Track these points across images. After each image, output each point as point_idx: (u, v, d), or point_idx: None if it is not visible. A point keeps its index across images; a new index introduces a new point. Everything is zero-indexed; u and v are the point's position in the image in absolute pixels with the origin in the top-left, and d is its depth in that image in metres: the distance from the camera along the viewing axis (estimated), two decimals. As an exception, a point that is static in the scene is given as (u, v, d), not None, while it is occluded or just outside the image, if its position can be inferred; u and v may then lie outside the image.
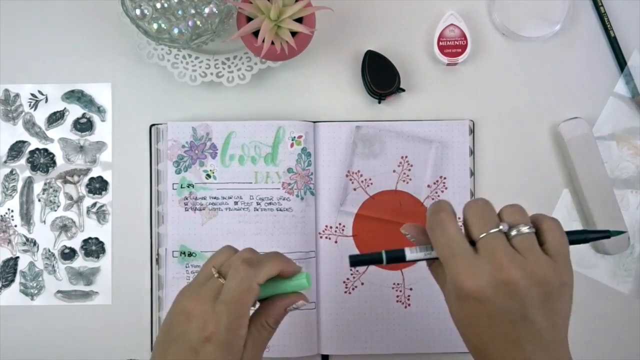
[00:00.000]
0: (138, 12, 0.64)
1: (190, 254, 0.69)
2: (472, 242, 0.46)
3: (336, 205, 0.70)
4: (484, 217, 0.46)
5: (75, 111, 0.72)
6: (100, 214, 0.72)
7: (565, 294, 0.46)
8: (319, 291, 0.69)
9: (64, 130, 0.72)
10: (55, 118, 0.72)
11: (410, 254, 0.49)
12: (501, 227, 0.46)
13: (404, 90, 0.70)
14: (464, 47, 0.70)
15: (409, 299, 0.69)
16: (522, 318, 0.45)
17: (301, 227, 0.69)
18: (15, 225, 0.72)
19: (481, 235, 0.46)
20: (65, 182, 0.72)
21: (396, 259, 0.50)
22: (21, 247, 0.72)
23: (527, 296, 0.44)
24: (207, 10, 0.64)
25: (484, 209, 0.47)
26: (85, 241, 0.72)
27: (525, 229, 0.46)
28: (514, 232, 0.46)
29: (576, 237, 0.49)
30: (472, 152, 0.71)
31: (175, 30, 0.64)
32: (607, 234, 0.50)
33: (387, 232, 0.70)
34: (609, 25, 0.71)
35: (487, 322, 0.45)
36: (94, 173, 0.72)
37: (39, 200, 0.72)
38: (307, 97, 0.72)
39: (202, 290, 0.50)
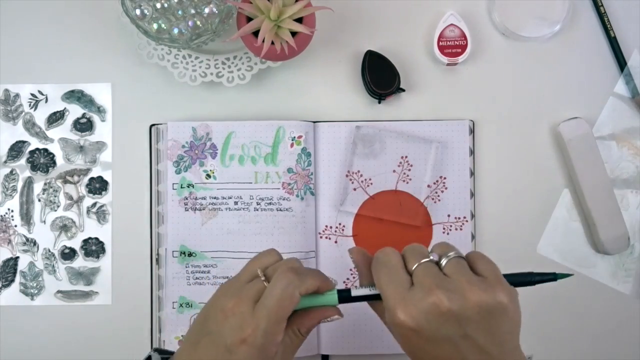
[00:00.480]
0: (138, 12, 0.64)
1: (190, 254, 0.69)
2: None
3: (336, 205, 0.70)
4: (417, 251, 0.49)
5: (75, 111, 0.73)
6: (100, 214, 0.72)
7: (505, 311, 0.46)
8: (319, 291, 0.69)
9: (64, 130, 0.72)
10: (55, 118, 0.72)
11: (355, 290, 0.52)
12: (431, 257, 0.48)
13: (404, 90, 0.70)
14: (464, 47, 0.70)
15: (409, 299, 0.69)
16: (462, 338, 0.46)
17: (301, 227, 0.69)
18: (15, 225, 0.72)
19: (414, 267, 0.48)
20: (65, 182, 0.72)
21: (344, 298, 0.52)
22: (21, 247, 0.72)
23: (462, 317, 0.45)
24: (207, 10, 0.64)
25: (417, 246, 0.50)
26: (85, 241, 0.72)
27: (453, 255, 0.48)
28: (444, 261, 0.48)
29: (522, 279, 0.51)
30: (472, 152, 0.71)
31: (175, 30, 0.64)
32: (553, 277, 0.51)
33: (387, 232, 0.70)
34: (609, 25, 0.71)
35: (430, 347, 0.46)
36: (94, 173, 0.72)
37: (39, 200, 0.72)
38: (307, 97, 0.72)
39: (243, 290, 0.50)
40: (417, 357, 0.48)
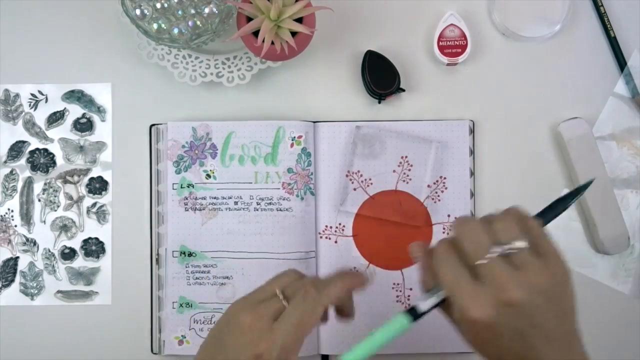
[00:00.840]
0: (138, 12, 0.64)
1: (190, 254, 0.69)
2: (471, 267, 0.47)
3: (336, 205, 0.70)
4: (479, 241, 0.47)
5: (75, 111, 0.72)
6: (100, 214, 0.72)
7: (565, 288, 0.47)
8: (319, 291, 0.69)
9: (64, 130, 0.72)
10: (55, 118, 0.72)
11: (422, 305, 0.51)
12: (498, 250, 0.47)
13: (404, 90, 0.70)
14: (464, 47, 0.70)
15: (409, 299, 0.69)
16: (531, 327, 0.46)
17: (301, 227, 0.69)
18: (15, 225, 0.72)
19: (478, 262, 0.46)
20: (65, 182, 0.72)
21: (415, 317, 0.51)
22: (21, 247, 0.72)
23: (532, 308, 0.46)
24: (207, 10, 0.64)
25: (477, 232, 0.47)
26: (85, 241, 0.72)
27: (519, 244, 0.47)
28: (509, 251, 0.47)
29: (559, 209, 0.52)
30: (472, 152, 0.71)
31: (175, 30, 0.64)
32: (579, 190, 0.52)
33: (387, 232, 0.70)
34: (609, 25, 0.71)
35: (499, 341, 0.47)
36: (94, 173, 0.72)
37: (39, 200, 0.72)
38: (307, 97, 0.72)
39: (262, 308, 0.50)
40: (487, 351, 0.49)
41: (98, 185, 0.72)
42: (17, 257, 0.72)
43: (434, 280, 0.50)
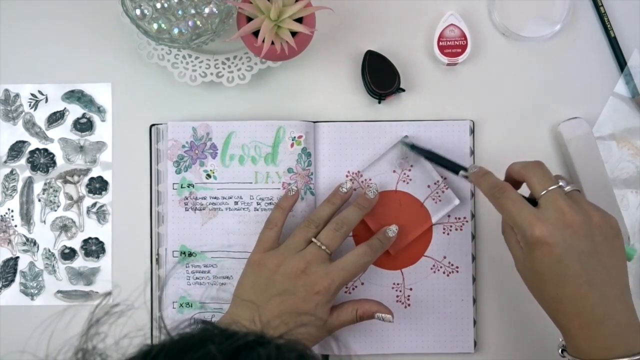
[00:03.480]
0: (138, 12, 0.64)
1: (190, 254, 0.69)
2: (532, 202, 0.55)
3: (336, 205, 0.70)
4: (544, 176, 0.56)
5: (75, 111, 0.72)
6: (100, 214, 0.72)
7: (618, 234, 0.54)
8: (319, 291, 0.69)
9: (64, 130, 0.72)
10: (55, 118, 0.72)
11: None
12: (561, 183, 0.55)
13: (404, 90, 0.70)
14: (464, 47, 0.70)
15: (409, 299, 0.69)
16: (590, 256, 0.52)
17: (301, 227, 0.69)
18: (15, 225, 0.72)
19: (542, 192, 0.54)
20: (66, 182, 0.72)
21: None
22: (21, 247, 0.72)
23: (590, 235, 0.52)
24: (207, 10, 0.64)
25: (543, 170, 0.56)
26: (85, 241, 0.72)
27: (573, 187, 0.56)
28: (567, 188, 0.55)
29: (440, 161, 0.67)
30: (472, 152, 0.70)
31: (175, 30, 0.64)
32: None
33: (387, 232, 0.70)
34: (609, 25, 0.71)
35: (559, 266, 0.52)
36: (94, 173, 0.72)
37: (39, 200, 0.72)
38: (307, 97, 0.72)
39: (306, 255, 0.62)
40: (543, 280, 0.53)
41: (98, 185, 0.72)
42: (17, 257, 0.72)
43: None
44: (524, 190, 0.58)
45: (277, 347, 0.31)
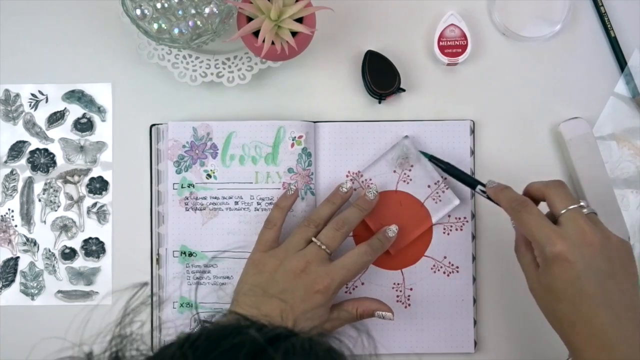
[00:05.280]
0: (138, 12, 0.63)
1: (190, 254, 0.69)
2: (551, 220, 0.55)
3: (336, 205, 0.70)
4: (566, 195, 0.56)
5: (75, 111, 0.72)
6: (101, 214, 0.72)
7: (633, 260, 0.54)
8: (319, 291, 0.69)
9: (64, 130, 0.72)
10: (56, 118, 0.72)
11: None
12: (582, 203, 0.56)
13: (404, 90, 0.71)
14: (464, 47, 0.70)
15: (409, 299, 0.69)
16: (607, 277, 0.52)
17: (301, 227, 0.69)
18: (16, 225, 0.72)
19: (563, 211, 0.55)
20: (66, 182, 0.72)
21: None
22: (21, 247, 0.72)
23: (608, 256, 0.52)
24: (207, 10, 0.64)
25: (564, 189, 0.57)
26: (86, 241, 0.72)
27: (591, 209, 0.56)
28: (586, 210, 0.55)
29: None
30: (472, 153, 0.70)
31: (176, 31, 0.64)
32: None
33: (388, 232, 0.70)
34: (609, 25, 0.71)
35: (577, 284, 0.52)
36: (94, 173, 0.72)
37: (39, 200, 0.72)
38: (307, 97, 0.72)
39: (307, 254, 0.62)
40: (559, 298, 0.53)
41: (98, 185, 0.72)
42: (18, 257, 0.72)
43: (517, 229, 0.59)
44: (542, 208, 0.58)
45: (309, 339, 0.33)
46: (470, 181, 0.66)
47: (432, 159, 0.68)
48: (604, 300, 0.51)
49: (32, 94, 0.73)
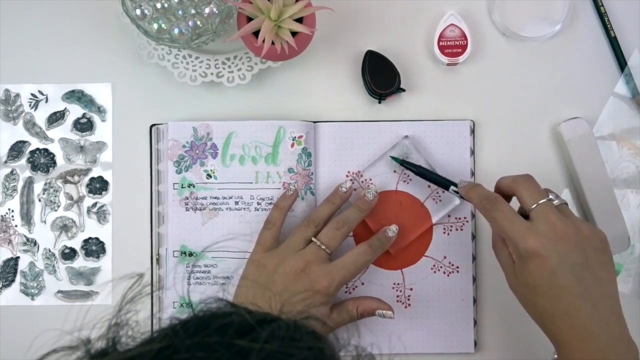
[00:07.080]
0: (138, 12, 0.64)
1: (190, 254, 0.69)
2: (522, 215, 0.55)
3: (336, 205, 0.70)
4: (535, 189, 0.56)
5: (75, 111, 0.72)
6: (101, 214, 0.72)
7: (607, 248, 0.55)
8: (319, 291, 0.69)
9: (64, 130, 0.72)
10: (56, 118, 0.72)
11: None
12: (550, 196, 0.56)
13: (404, 90, 0.71)
14: (464, 47, 0.70)
15: (409, 299, 0.69)
16: (582, 268, 0.52)
17: (301, 227, 0.69)
18: (16, 225, 0.72)
19: (533, 206, 0.55)
20: (66, 182, 0.72)
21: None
22: (21, 247, 0.72)
23: (581, 247, 0.53)
24: (207, 10, 0.64)
25: (533, 184, 0.57)
26: (86, 241, 0.72)
27: (561, 200, 0.57)
28: (556, 202, 0.56)
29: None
30: (472, 153, 0.71)
31: (176, 31, 0.64)
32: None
33: (388, 232, 0.70)
34: (609, 25, 0.71)
35: (553, 279, 0.52)
36: (94, 173, 0.72)
37: (40, 200, 0.72)
38: (307, 97, 0.72)
39: (306, 254, 0.62)
40: (537, 294, 0.54)
41: (98, 185, 0.72)
42: (18, 257, 0.72)
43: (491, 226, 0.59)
44: (514, 203, 0.58)
45: (294, 322, 0.35)
46: (444, 182, 0.66)
47: (404, 163, 0.68)
48: (581, 292, 0.52)
49: (32, 94, 0.73)
